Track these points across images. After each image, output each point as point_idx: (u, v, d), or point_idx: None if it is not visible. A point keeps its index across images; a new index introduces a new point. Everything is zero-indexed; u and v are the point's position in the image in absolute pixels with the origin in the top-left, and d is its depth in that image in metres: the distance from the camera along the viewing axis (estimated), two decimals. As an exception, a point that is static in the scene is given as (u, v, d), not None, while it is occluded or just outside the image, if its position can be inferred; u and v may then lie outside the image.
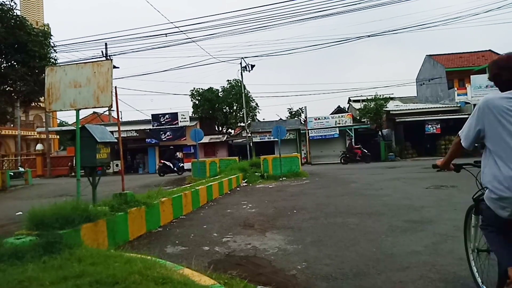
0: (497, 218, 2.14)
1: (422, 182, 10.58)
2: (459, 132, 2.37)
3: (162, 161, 21.66)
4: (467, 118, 2.36)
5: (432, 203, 7.10)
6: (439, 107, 27.64)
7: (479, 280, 2.80)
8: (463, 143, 2.31)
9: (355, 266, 3.68)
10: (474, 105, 25.08)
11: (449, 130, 25.26)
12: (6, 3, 10.72)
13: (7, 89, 11.85)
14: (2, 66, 11.06)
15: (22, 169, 23.20)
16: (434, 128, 25.48)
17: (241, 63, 28.18)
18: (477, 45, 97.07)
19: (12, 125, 29.49)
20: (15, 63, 11.02)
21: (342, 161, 25.32)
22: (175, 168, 21.09)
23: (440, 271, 3.41)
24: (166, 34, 27.68)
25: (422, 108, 27.98)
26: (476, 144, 2.27)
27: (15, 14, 10.91)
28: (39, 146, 31.66)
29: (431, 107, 27.97)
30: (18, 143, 29.55)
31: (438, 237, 4.54)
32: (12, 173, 20.28)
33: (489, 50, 33.07)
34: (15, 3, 11.01)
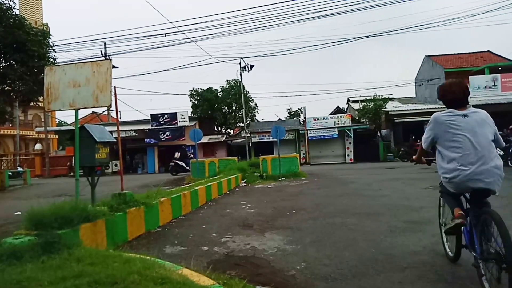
0: (448, 190, 3.23)
1: (420, 183, 10.59)
2: (422, 138, 3.40)
3: (175, 161, 21.91)
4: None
5: (431, 203, 7.09)
6: (438, 108, 27.63)
7: (446, 247, 3.80)
8: (424, 146, 3.39)
9: (354, 267, 3.68)
10: (473, 105, 25.17)
11: (448, 131, 25.28)
12: (4, 2, 10.70)
13: (6, 88, 11.84)
14: (1, 65, 11.04)
15: (21, 169, 23.16)
16: (433, 128, 25.51)
17: (240, 63, 28.24)
18: (476, 45, 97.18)
19: (10, 125, 29.50)
20: (14, 63, 10.99)
21: (403, 158, 23.98)
22: (187, 167, 21.38)
23: (439, 272, 3.41)
24: (165, 34, 27.72)
25: (421, 109, 28.01)
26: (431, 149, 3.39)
27: (14, 13, 10.89)
28: (38, 146, 31.61)
29: (430, 108, 27.96)
30: (17, 143, 29.55)
31: (437, 237, 4.53)
32: (10, 173, 20.24)
33: (488, 51, 33.14)
34: (14, 3, 10.99)
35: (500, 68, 27.64)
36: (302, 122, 31.01)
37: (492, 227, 2.78)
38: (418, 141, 24.99)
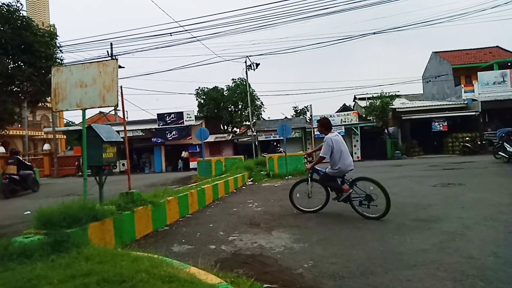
0: (334, 177, 6.27)
1: (429, 180, 10.51)
2: (322, 153, 6.18)
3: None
4: (474, 115, 3.32)
5: (439, 201, 7.05)
6: (446, 105, 27.37)
7: (301, 207, 6.73)
8: (326, 156, 6.16)
9: (361, 265, 3.66)
10: (481, 102, 24.92)
11: (456, 128, 24.98)
12: (12, 4, 10.77)
13: (14, 89, 11.92)
14: (9, 67, 11.11)
15: (30, 169, 23.34)
16: (441, 125, 25.24)
17: (245, 62, 28.21)
18: (484, 41, 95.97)
19: (19, 126, 29.79)
20: (21, 64, 11.06)
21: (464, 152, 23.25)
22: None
23: (448, 270, 3.38)
24: (170, 33, 27.64)
25: (429, 106, 27.75)
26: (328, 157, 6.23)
27: (21, 15, 10.95)
28: (46, 146, 31.92)
29: (438, 105, 27.72)
30: (26, 143, 29.83)
31: (445, 235, 4.51)
32: (20, 173, 20.39)
33: (497, 46, 32.71)
34: (21, 4, 11.07)
35: (509, 64, 27.26)
36: (308, 120, 30.89)
37: (360, 182, 5.99)
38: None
